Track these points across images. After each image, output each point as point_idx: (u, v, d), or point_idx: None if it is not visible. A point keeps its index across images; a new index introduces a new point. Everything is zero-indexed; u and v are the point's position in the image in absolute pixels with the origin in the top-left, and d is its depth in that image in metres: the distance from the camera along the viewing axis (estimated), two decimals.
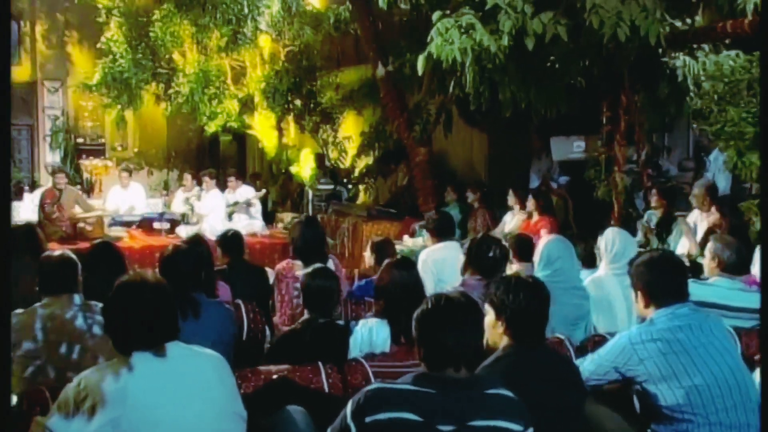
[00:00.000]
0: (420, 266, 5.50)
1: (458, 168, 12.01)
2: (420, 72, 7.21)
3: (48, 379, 3.81)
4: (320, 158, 13.36)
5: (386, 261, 4.33)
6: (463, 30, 6.65)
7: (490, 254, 4.90)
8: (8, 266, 1.57)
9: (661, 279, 3.41)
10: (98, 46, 14.24)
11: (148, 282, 2.69)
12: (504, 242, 5.21)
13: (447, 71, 7.33)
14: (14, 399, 3.47)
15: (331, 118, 13.89)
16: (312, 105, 13.79)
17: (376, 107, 12.41)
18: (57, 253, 4.19)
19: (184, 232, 11.22)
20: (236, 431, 2.72)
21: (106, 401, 2.46)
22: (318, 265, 4.44)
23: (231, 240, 6.01)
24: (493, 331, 3.07)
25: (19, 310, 4.02)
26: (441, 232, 6.15)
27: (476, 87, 7.33)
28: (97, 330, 3.95)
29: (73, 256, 4.14)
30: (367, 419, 2.45)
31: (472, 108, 8.23)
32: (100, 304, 4.07)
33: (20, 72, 16.94)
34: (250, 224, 11.36)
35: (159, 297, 2.67)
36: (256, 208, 12.23)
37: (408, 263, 4.26)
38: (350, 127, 14.10)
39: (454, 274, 5.58)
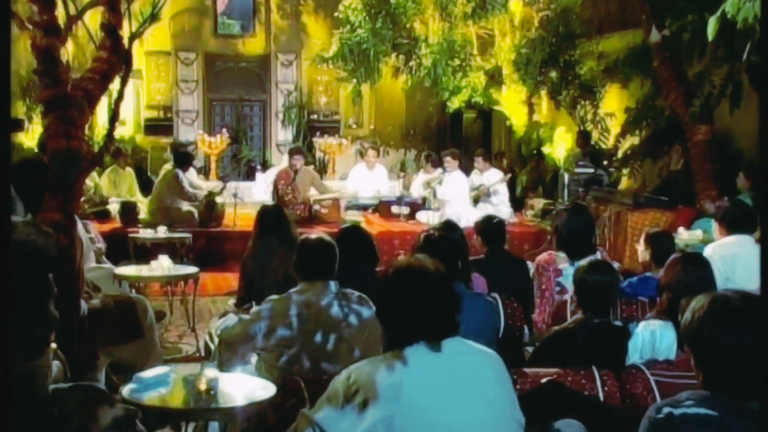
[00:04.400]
0: None
1: (746, 149, 11.40)
2: (710, 36, 6.93)
3: (302, 369, 4.08)
4: (583, 137, 13.12)
5: (674, 256, 4.23)
6: None
7: None
8: (8, 263, 1.72)
9: None
10: (335, 15, 14.77)
11: (431, 269, 2.77)
12: None
13: (741, 34, 6.98)
14: (273, 389, 3.76)
15: (592, 91, 13.66)
16: (569, 77, 13.65)
17: (645, 79, 12.04)
18: (314, 236, 4.42)
19: (424, 217, 11.53)
20: None
21: (379, 396, 2.53)
22: (594, 257, 4.42)
23: (494, 228, 6.08)
24: None
25: (274, 296, 4.32)
26: (734, 223, 5.90)
27: None
28: (353, 320, 4.18)
29: (332, 240, 4.36)
30: None
31: None
32: (357, 293, 4.32)
33: (254, 45, 18.07)
34: (497, 211, 11.39)
35: (444, 286, 2.74)
36: (503, 194, 12.29)
37: (700, 260, 4.13)
38: (613, 103, 13.79)
39: (748, 274, 5.33)
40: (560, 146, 14.51)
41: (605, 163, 13.01)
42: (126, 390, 3.69)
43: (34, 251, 2.19)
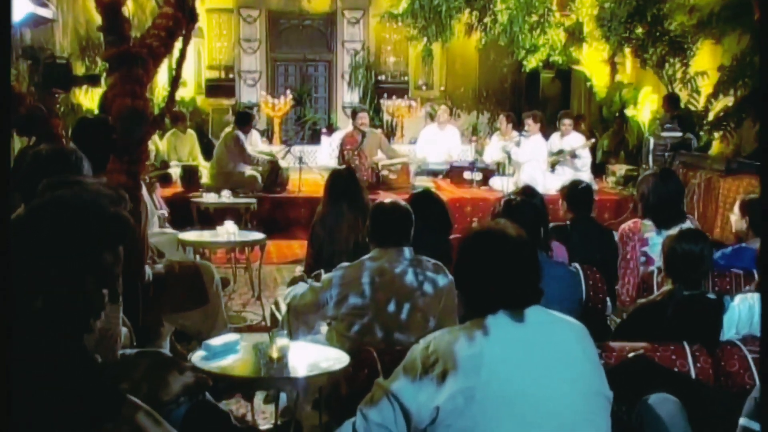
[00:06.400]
0: None
1: None
2: None
3: (374, 339, 4.11)
4: (671, 100, 12.83)
5: None
6: None
7: None
8: (8, 262, 1.75)
9: None
10: None
11: (512, 234, 2.75)
12: None
13: None
14: (346, 359, 3.80)
15: (682, 48, 13.27)
16: (657, 33, 13.29)
17: (743, 34, 11.71)
18: (388, 201, 4.45)
19: (498, 183, 11.48)
20: (602, 415, 2.68)
21: (459, 367, 2.52)
22: (684, 225, 4.37)
23: (581, 193, 6.04)
24: None
25: (345, 263, 4.36)
26: None
27: None
28: (428, 288, 4.20)
29: (407, 206, 4.38)
30: None
31: None
32: (432, 260, 4.34)
33: (319, 1, 18.02)
34: (576, 177, 11.31)
35: (526, 251, 2.74)
36: (584, 160, 12.16)
37: None
38: (704, 61, 13.44)
39: None
40: (645, 108, 14.26)
41: (695, 126, 12.75)
42: (195, 357, 3.75)
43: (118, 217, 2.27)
